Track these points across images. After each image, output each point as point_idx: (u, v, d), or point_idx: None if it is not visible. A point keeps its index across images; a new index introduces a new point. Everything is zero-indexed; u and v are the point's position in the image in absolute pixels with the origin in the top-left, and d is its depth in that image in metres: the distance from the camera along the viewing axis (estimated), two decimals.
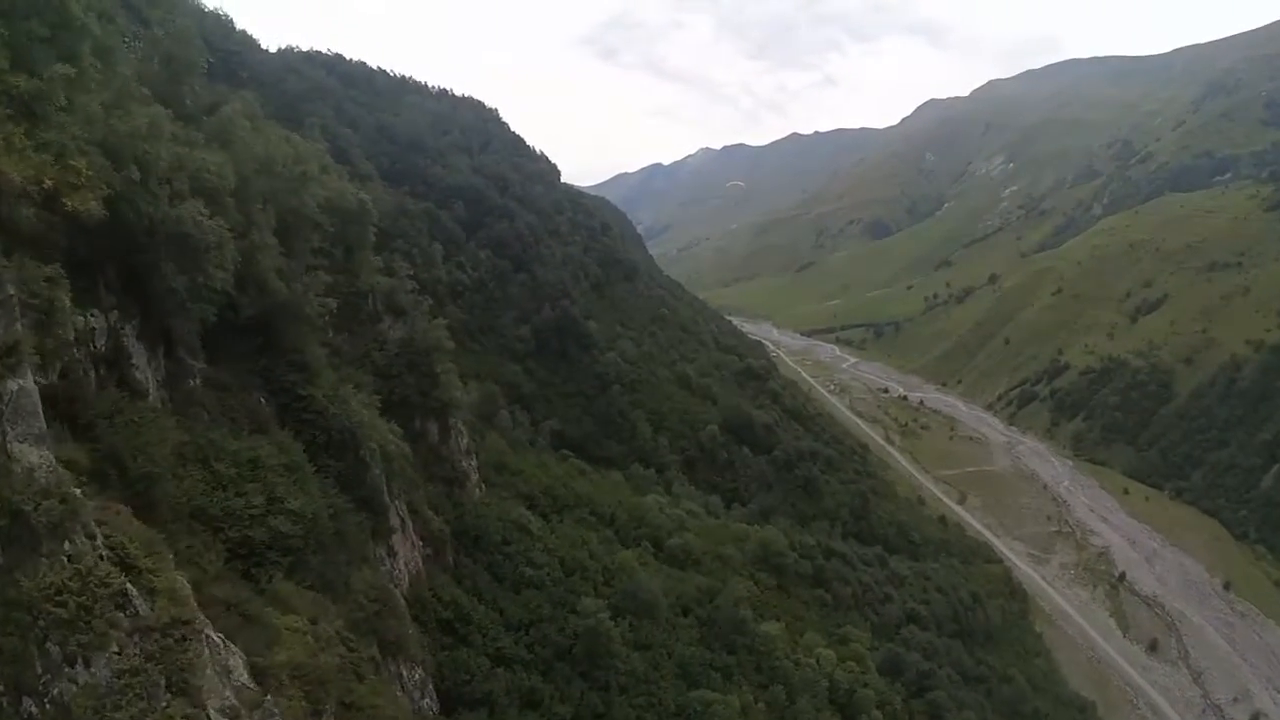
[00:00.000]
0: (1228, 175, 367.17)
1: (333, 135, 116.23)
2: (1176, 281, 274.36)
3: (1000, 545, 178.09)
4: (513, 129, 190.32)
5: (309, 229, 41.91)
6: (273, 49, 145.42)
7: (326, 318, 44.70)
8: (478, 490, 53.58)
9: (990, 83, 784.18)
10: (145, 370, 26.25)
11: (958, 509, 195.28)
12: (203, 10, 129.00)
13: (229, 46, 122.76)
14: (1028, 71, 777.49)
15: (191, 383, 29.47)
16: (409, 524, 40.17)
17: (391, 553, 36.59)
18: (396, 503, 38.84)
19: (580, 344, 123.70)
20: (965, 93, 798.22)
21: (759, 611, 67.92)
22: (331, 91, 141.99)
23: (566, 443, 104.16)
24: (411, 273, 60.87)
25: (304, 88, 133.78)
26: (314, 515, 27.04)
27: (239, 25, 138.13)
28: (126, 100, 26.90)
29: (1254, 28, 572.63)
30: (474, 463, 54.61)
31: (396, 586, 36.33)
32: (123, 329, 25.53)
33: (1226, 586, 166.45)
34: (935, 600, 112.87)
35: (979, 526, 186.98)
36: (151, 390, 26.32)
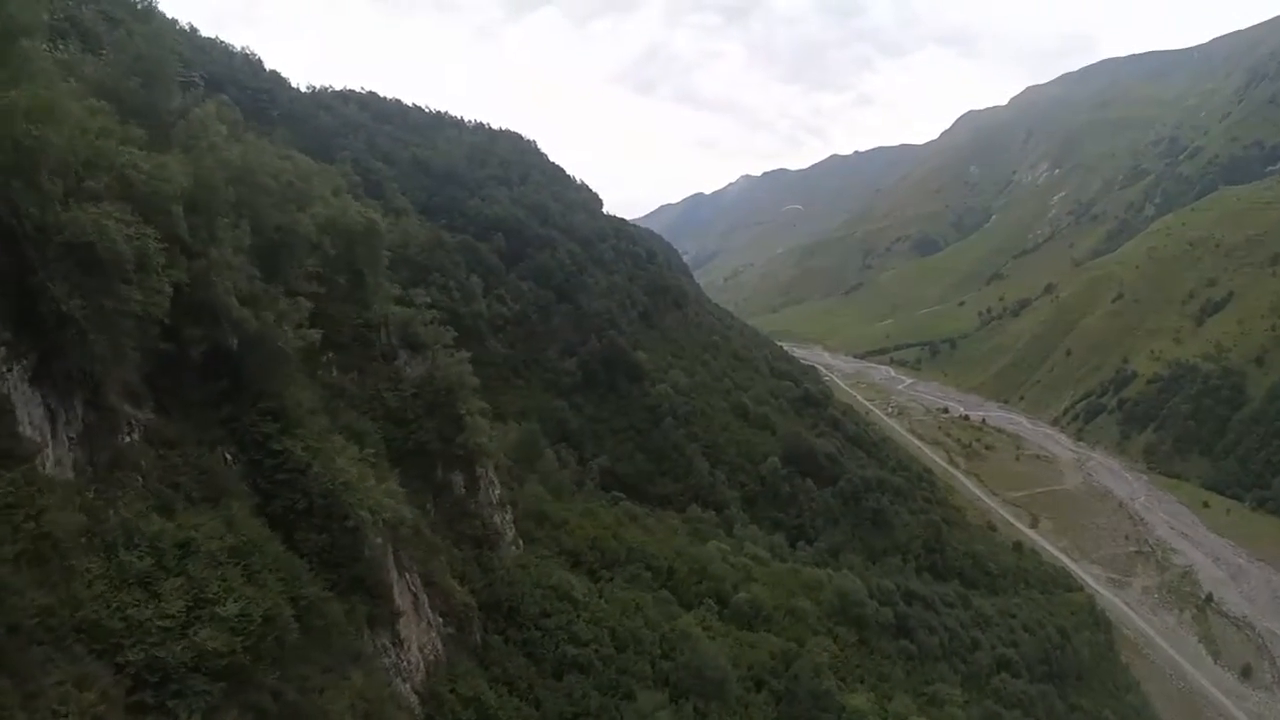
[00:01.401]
0: None
1: (365, 169, 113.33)
2: (1241, 279, 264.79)
3: (1078, 570, 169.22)
4: (552, 160, 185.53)
5: (302, 250, 35.44)
6: (304, 88, 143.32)
7: (329, 356, 38.45)
8: (513, 548, 46.32)
9: (1028, 89, 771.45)
10: (40, 424, 19.58)
11: (1030, 533, 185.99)
12: (230, 51, 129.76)
13: (258, 85, 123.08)
14: (1064, 75, 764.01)
15: (124, 439, 22.69)
16: (424, 600, 33.02)
17: (398, 641, 29.35)
18: (407, 576, 31.81)
19: (629, 376, 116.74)
20: (1003, 101, 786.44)
21: (841, 676, 59.65)
22: (364, 126, 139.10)
23: (618, 481, 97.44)
24: (429, 301, 53.93)
25: (336, 124, 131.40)
26: (268, 617, 19.88)
27: (271, 67, 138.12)
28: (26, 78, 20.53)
29: None
30: (509, 516, 47.43)
31: (406, 681, 29.23)
32: (6, 370, 18.91)
33: None
34: (1023, 641, 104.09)
35: (1054, 551, 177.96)
36: (50, 451, 19.61)
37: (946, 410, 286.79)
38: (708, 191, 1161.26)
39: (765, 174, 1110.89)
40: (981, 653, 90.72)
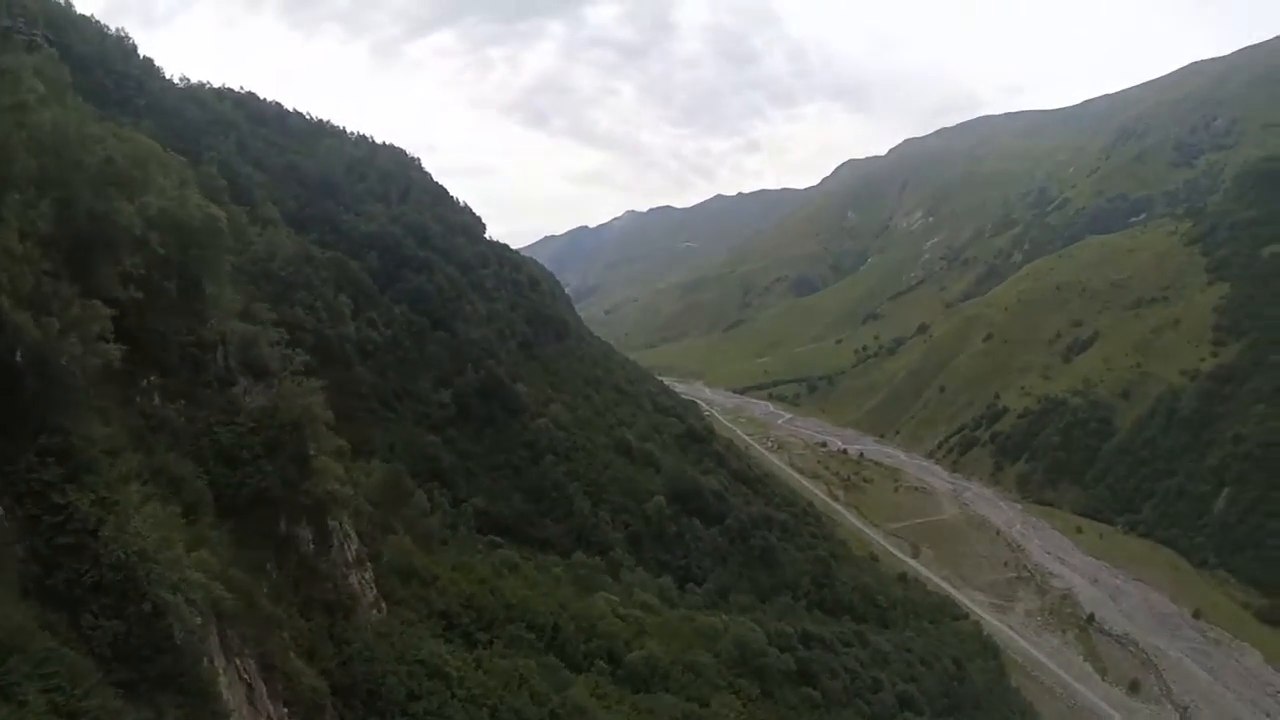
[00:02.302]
0: (1143, 215, 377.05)
1: (234, 172, 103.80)
2: (1106, 319, 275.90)
3: (961, 597, 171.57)
4: (435, 179, 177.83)
5: (122, 246, 28.66)
6: (177, 80, 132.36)
7: (150, 379, 31.40)
8: (375, 612, 39.16)
9: (906, 140, 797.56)
10: None
11: (912, 562, 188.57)
12: (104, 32, 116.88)
13: (128, 70, 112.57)
14: (942, 129, 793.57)
15: None
16: (261, 689, 26.18)
17: None
18: (238, 662, 25.00)
19: (508, 409, 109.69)
20: (883, 151, 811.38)
21: None
22: (236, 126, 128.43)
23: (494, 524, 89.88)
24: (275, 318, 46.36)
25: (206, 119, 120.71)
26: None
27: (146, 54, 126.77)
28: None
29: (1159, 75, 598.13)
30: (368, 575, 40.27)
31: None
32: None
33: (1196, 615, 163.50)
34: (922, 676, 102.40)
35: (937, 579, 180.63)
36: None
37: (825, 445, 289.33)
38: (592, 225, 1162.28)
39: (651, 210, 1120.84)
40: (884, 692, 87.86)
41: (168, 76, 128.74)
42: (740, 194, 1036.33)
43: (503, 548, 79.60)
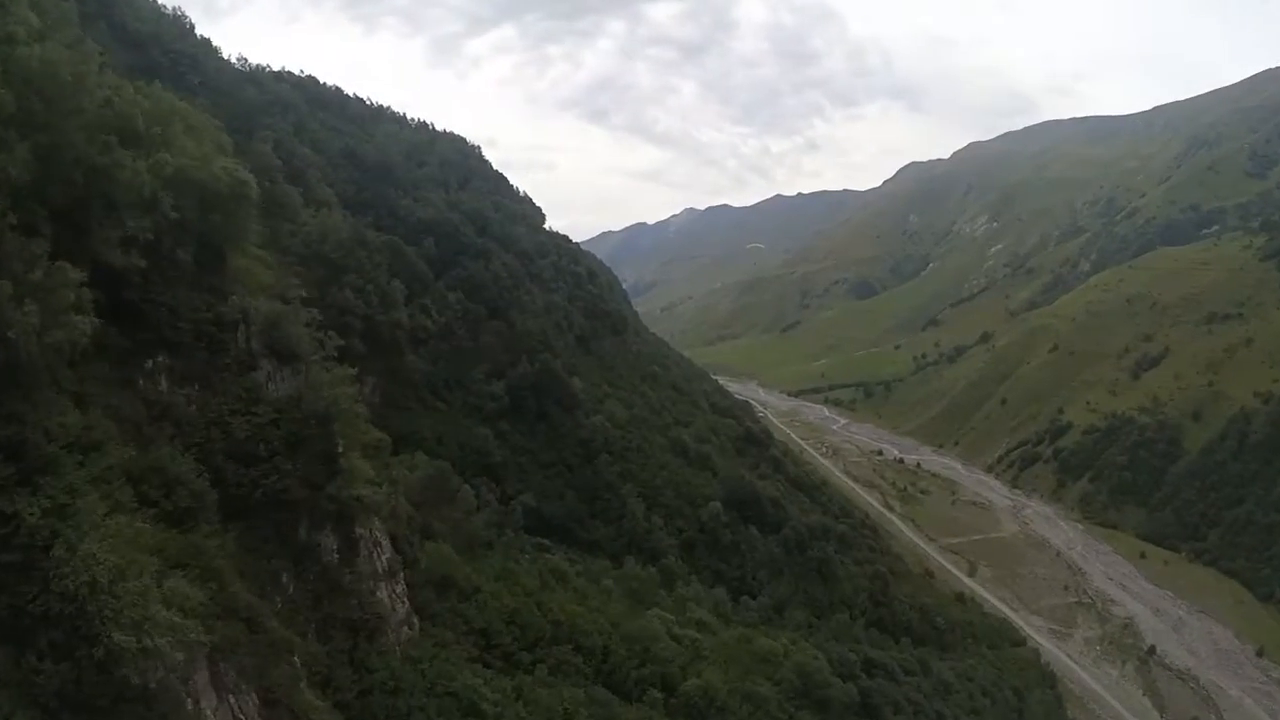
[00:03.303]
0: (1215, 228, 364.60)
1: (289, 153, 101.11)
2: (1177, 335, 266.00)
3: (1019, 621, 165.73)
4: (495, 168, 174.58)
5: (126, 207, 24.70)
6: (235, 60, 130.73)
7: (158, 360, 27.47)
8: (405, 631, 34.88)
9: (970, 144, 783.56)
10: None
11: (969, 581, 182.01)
12: (160, 11, 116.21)
13: (184, 49, 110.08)
14: (1007, 133, 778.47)
15: None
16: None
17: None
18: (232, 700, 20.92)
19: (562, 404, 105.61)
20: (946, 155, 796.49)
21: None
22: (294, 108, 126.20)
23: (543, 523, 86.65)
24: (304, 295, 41.95)
25: (263, 100, 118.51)
26: None
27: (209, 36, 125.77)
28: None
29: (1232, 83, 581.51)
30: (400, 588, 36.05)
31: None
32: None
33: (1260, 654, 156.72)
34: (984, 709, 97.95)
35: (995, 601, 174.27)
36: None
37: (881, 452, 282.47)
38: (650, 222, 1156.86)
39: (709, 209, 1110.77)
40: None
41: (225, 57, 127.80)
42: (800, 194, 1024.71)
43: (550, 551, 75.88)
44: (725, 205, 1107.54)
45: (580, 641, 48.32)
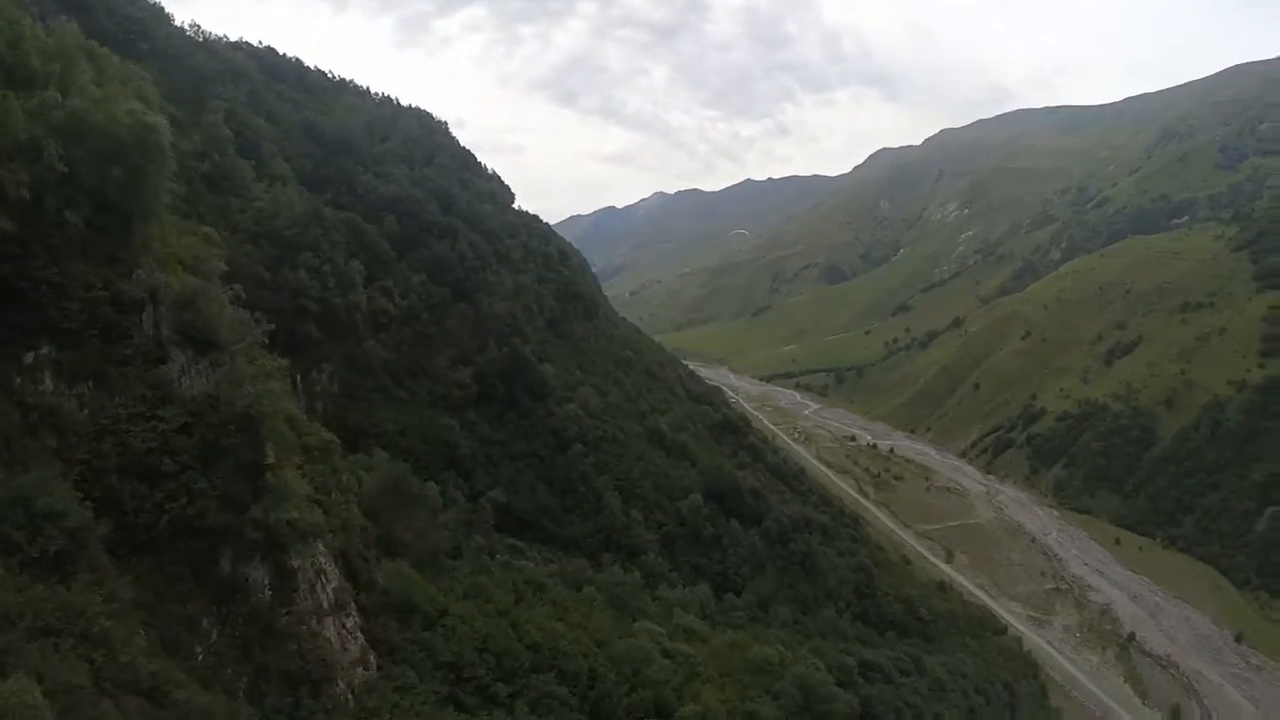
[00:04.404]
0: (1185, 219, 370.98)
1: (241, 125, 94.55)
2: (1150, 323, 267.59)
3: (999, 608, 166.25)
4: (463, 144, 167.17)
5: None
6: (186, 26, 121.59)
7: (42, 352, 21.71)
8: (359, 674, 29.11)
9: (942, 131, 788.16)
10: None
11: (946, 568, 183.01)
12: None
13: (130, 13, 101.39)
14: (979, 121, 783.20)
15: None
16: None
17: None
18: None
19: (533, 392, 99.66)
20: (918, 141, 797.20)
21: None
22: (248, 76, 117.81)
23: (515, 520, 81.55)
24: (226, 267, 35.40)
25: (215, 68, 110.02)
26: None
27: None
28: None
29: (1203, 76, 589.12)
30: (351, 621, 30.29)
31: None
32: None
33: (1239, 639, 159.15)
34: (977, 706, 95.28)
35: (973, 588, 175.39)
36: None
37: (854, 438, 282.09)
38: (620, 206, 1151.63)
39: (679, 192, 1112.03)
40: None
41: (178, 24, 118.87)
42: (770, 179, 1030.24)
43: (524, 554, 70.82)
44: (695, 189, 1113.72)
45: (564, 666, 42.64)
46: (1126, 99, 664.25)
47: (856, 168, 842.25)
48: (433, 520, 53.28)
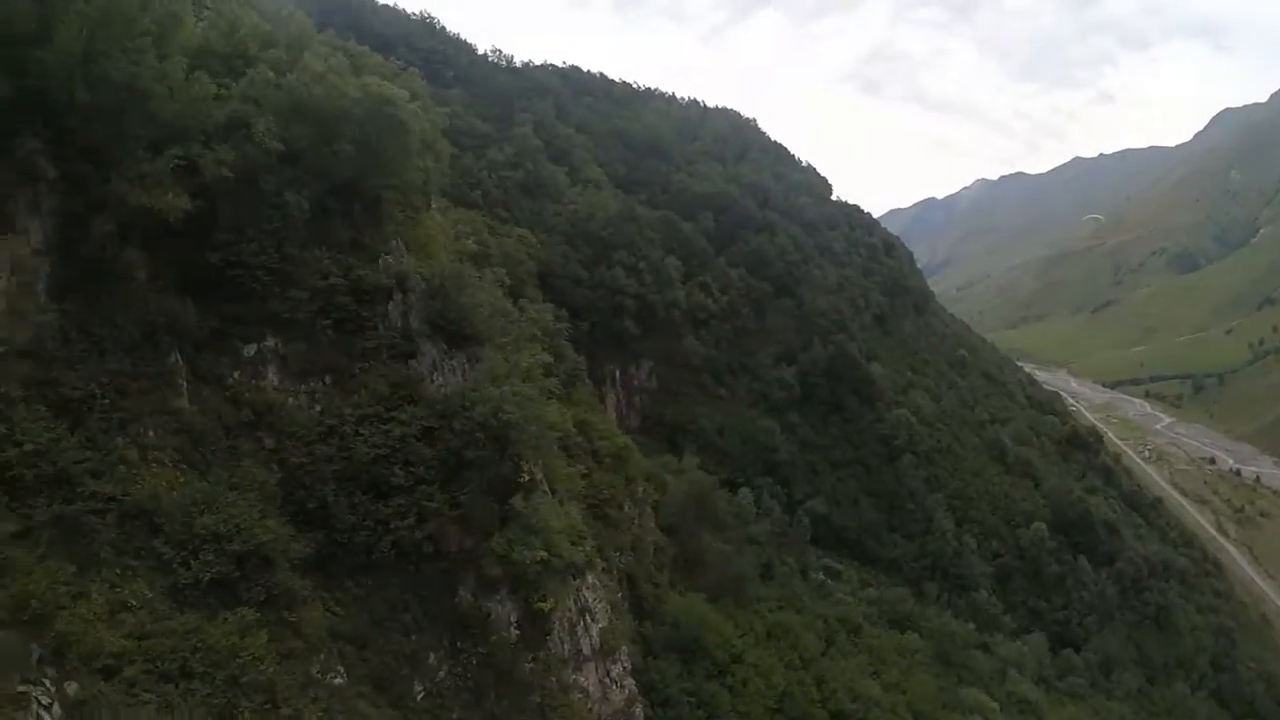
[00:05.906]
0: None
1: (550, 134, 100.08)
2: None
3: None
4: (773, 139, 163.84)
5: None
6: (488, 53, 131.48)
7: (266, 344, 18.70)
8: None
9: None
10: None
11: None
12: (407, 17, 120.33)
13: (434, 46, 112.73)
14: None
15: None
16: None
17: None
18: None
19: (860, 394, 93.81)
20: (1263, 98, 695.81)
21: None
22: (554, 92, 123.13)
23: (833, 534, 76.49)
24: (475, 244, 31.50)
25: (521, 86, 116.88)
26: None
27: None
28: None
29: None
30: (619, 667, 25.63)
31: None
32: None
33: None
34: None
35: None
36: None
37: (1213, 461, 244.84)
38: (940, 196, 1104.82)
39: (1002, 178, 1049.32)
40: None
41: (480, 52, 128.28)
42: (1101, 155, 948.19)
43: (840, 575, 64.28)
44: (1020, 173, 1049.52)
45: None
46: None
47: (1198, 135, 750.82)
48: (740, 539, 47.87)
